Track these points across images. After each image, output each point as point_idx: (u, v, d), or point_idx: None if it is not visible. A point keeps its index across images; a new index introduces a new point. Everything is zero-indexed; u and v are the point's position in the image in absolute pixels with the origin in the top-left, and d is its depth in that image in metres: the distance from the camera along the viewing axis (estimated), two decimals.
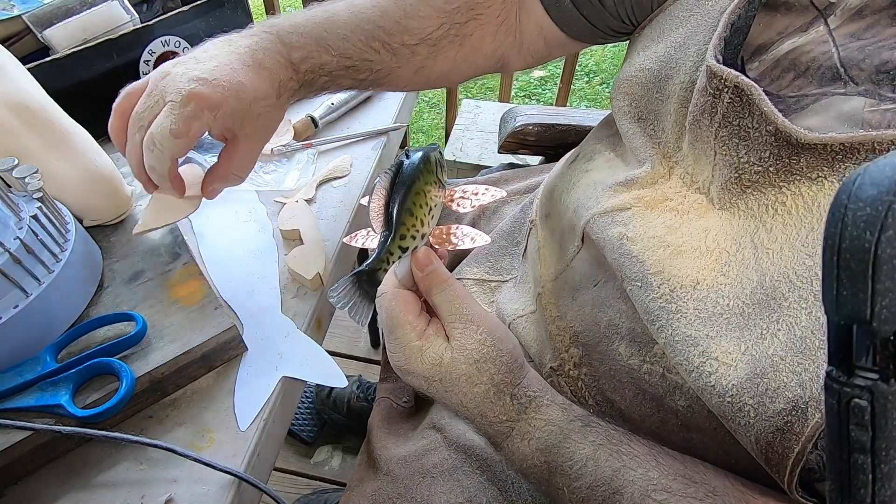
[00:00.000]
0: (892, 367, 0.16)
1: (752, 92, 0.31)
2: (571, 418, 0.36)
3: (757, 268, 0.32)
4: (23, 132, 0.46)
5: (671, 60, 0.39)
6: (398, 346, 0.36)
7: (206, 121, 0.39)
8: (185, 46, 0.70)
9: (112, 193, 0.51)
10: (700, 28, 0.38)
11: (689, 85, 0.37)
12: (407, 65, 0.48)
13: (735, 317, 0.32)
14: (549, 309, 0.47)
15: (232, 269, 0.52)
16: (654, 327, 0.35)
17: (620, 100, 0.44)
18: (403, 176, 0.35)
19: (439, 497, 0.45)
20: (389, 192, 0.35)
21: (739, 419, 0.30)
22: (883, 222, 0.15)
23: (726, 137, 0.34)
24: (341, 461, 1.12)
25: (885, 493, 0.17)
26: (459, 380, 0.35)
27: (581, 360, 0.44)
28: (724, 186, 0.34)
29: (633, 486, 0.32)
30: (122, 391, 0.38)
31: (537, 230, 0.53)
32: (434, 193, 0.36)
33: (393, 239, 0.35)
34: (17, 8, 0.64)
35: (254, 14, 0.78)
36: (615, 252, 0.38)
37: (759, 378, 0.29)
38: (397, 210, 0.35)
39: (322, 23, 0.45)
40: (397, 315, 0.36)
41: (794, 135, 0.30)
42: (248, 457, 0.40)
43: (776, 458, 0.28)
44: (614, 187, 0.41)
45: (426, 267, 0.36)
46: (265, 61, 0.42)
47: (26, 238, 0.39)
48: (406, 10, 0.47)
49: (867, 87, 0.31)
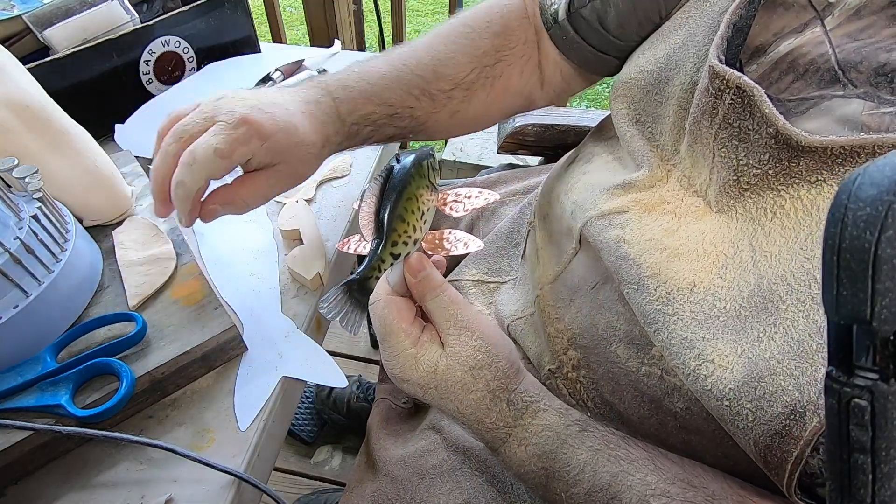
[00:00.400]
0: (892, 367, 0.16)
1: (753, 93, 0.31)
2: (568, 423, 0.36)
3: (754, 271, 0.32)
4: (23, 132, 0.46)
5: (671, 62, 0.39)
6: (392, 355, 0.36)
7: (253, 148, 0.40)
8: (186, 46, 0.70)
9: (112, 193, 0.51)
10: (699, 29, 0.38)
11: (689, 87, 0.37)
12: (444, 109, 0.51)
13: (732, 319, 0.32)
14: (548, 311, 0.47)
15: (232, 269, 0.53)
16: (650, 330, 0.35)
17: (619, 102, 0.44)
18: (394, 181, 0.35)
19: (438, 498, 0.45)
20: (380, 198, 0.35)
21: (738, 423, 0.30)
22: (883, 222, 0.15)
23: (726, 139, 0.34)
24: (341, 461, 1.12)
25: (885, 493, 0.17)
26: (455, 387, 0.35)
27: (580, 363, 0.44)
28: (722, 189, 0.34)
29: (630, 491, 0.32)
30: (122, 391, 0.38)
31: (535, 232, 0.53)
32: (426, 198, 0.36)
33: (384, 246, 0.35)
34: (17, 8, 0.64)
35: (254, 14, 0.78)
36: (612, 255, 0.38)
37: (756, 382, 0.29)
38: (388, 216, 0.34)
39: (366, 76, 0.48)
40: (391, 323, 0.35)
41: (795, 137, 0.30)
42: (248, 457, 0.40)
43: (775, 461, 0.28)
44: (612, 190, 0.41)
45: (419, 273, 0.35)
46: (316, 113, 0.44)
47: (26, 238, 0.39)
48: (439, 59, 0.50)
49: (866, 90, 0.31)
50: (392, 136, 0.50)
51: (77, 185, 0.49)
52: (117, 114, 0.64)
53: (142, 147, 0.62)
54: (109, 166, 0.52)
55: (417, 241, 0.36)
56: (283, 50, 0.82)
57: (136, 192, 0.55)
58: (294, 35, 2.66)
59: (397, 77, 0.48)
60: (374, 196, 0.35)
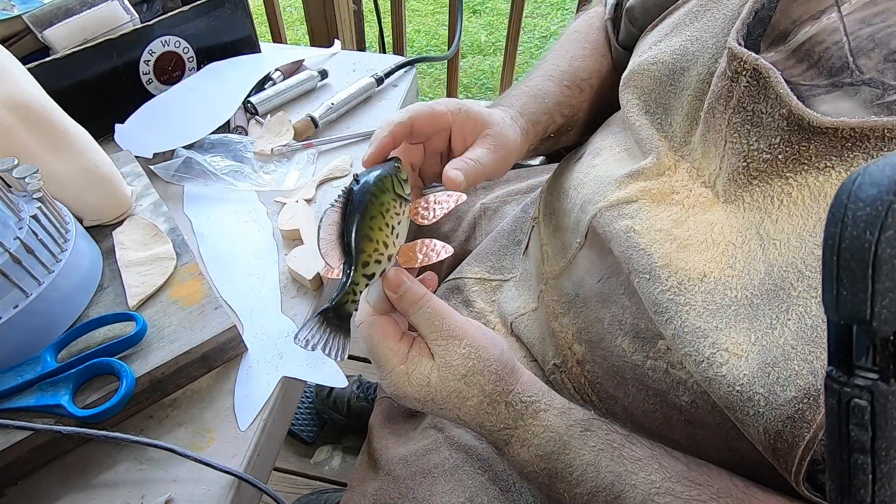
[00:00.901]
0: (892, 367, 0.16)
1: (769, 74, 0.32)
2: (570, 423, 0.36)
3: (764, 259, 0.32)
4: (23, 132, 0.46)
5: (687, 53, 0.40)
6: (384, 374, 0.36)
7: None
8: (186, 46, 0.70)
9: (112, 193, 0.51)
10: (718, 21, 0.39)
11: (706, 77, 0.37)
12: (588, 99, 0.55)
13: (744, 308, 0.32)
14: (552, 306, 0.47)
15: (232, 269, 0.52)
16: (662, 319, 0.35)
17: (629, 92, 0.44)
18: (354, 203, 0.34)
19: (441, 497, 0.45)
20: (342, 222, 0.34)
21: (748, 409, 0.30)
22: (883, 222, 0.15)
23: (738, 124, 0.34)
24: (341, 461, 1.12)
25: (885, 493, 0.17)
26: (451, 396, 0.35)
27: (584, 357, 0.44)
28: (731, 177, 0.35)
29: (635, 490, 0.32)
30: (122, 391, 0.38)
31: (540, 228, 0.53)
32: (395, 211, 0.35)
33: (355, 269, 0.34)
34: (17, 8, 0.64)
35: (254, 14, 0.78)
36: (622, 245, 0.38)
37: (769, 367, 0.29)
38: (355, 238, 0.33)
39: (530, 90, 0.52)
40: (377, 343, 0.36)
41: (807, 118, 0.30)
42: (248, 457, 0.40)
43: (785, 447, 0.28)
44: (621, 180, 0.41)
45: (398, 288, 0.35)
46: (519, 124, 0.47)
47: (26, 238, 0.39)
48: (574, 55, 0.56)
49: (871, 76, 0.32)
50: (559, 128, 0.53)
51: (77, 185, 0.49)
52: (117, 114, 0.64)
53: (142, 147, 0.62)
54: (109, 166, 0.52)
55: (392, 256, 0.35)
56: (283, 50, 0.82)
57: (136, 192, 0.55)
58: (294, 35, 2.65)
59: (551, 77, 0.53)
60: (334, 223, 0.34)
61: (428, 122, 0.41)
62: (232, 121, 0.69)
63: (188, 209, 0.59)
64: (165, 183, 0.62)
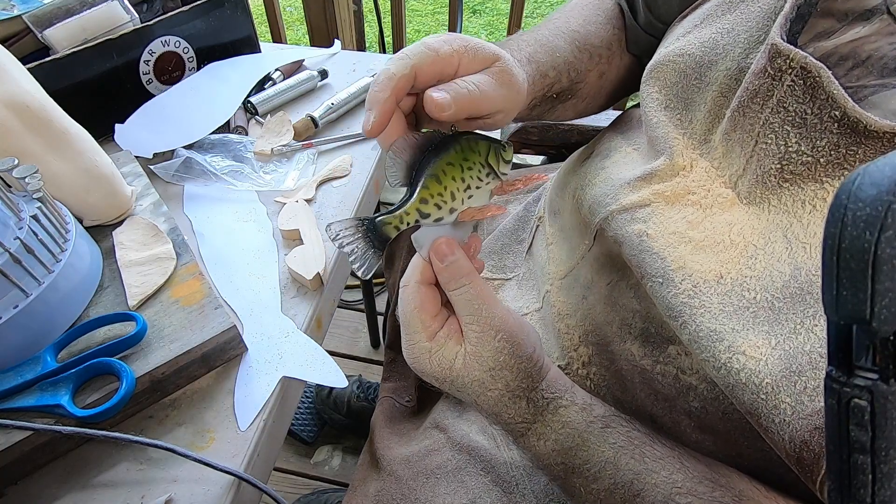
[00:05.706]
0: (892, 367, 0.16)
1: (820, 74, 0.30)
2: (590, 420, 0.35)
3: (790, 261, 0.31)
4: (23, 132, 0.46)
5: (717, 47, 0.38)
6: (409, 344, 0.35)
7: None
8: (186, 46, 0.70)
9: (112, 193, 0.51)
10: (753, 13, 0.37)
11: (735, 73, 0.36)
12: (595, 68, 0.52)
13: (763, 310, 0.31)
14: (558, 307, 0.47)
15: (232, 269, 0.52)
16: (676, 323, 0.34)
17: (651, 85, 0.43)
18: (439, 146, 0.33)
19: (443, 498, 0.45)
20: (420, 154, 0.33)
21: (774, 417, 0.29)
22: (883, 222, 0.15)
23: (777, 124, 0.33)
24: (341, 461, 1.12)
25: (885, 493, 0.17)
26: (472, 384, 0.34)
27: (590, 360, 0.44)
28: (760, 179, 0.34)
29: (656, 489, 0.32)
30: (122, 391, 0.38)
31: (545, 227, 0.52)
32: (478, 175, 0.34)
33: (412, 199, 0.32)
34: (17, 8, 0.64)
35: (254, 14, 0.78)
36: (634, 249, 0.37)
37: (796, 376, 0.28)
38: (427, 173, 0.32)
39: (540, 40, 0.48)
40: (410, 311, 0.34)
41: (864, 121, 0.29)
42: (248, 457, 0.40)
43: (811, 457, 0.28)
44: (633, 183, 0.40)
45: (446, 258, 0.33)
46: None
47: (26, 238, 0.39)
48: (586, 19, 0.52)
49: None
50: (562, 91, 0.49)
51: (77, 185, 0.49)
52: (117, 114, 0.64)
53: (142, 147, 0.62)
54: (109, 166, 0.52)
55: (455, 211, 0.33)
56: (283, 50, 0.82)
57: (136, 192, 0.55)
58: (294, 35, 2.66)
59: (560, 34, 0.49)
60: (413, 147, 0.33)
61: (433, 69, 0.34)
62: (232, 121, 0.69)
63: (188, 209, 0.59)
64: (165, 183, 0.62)
